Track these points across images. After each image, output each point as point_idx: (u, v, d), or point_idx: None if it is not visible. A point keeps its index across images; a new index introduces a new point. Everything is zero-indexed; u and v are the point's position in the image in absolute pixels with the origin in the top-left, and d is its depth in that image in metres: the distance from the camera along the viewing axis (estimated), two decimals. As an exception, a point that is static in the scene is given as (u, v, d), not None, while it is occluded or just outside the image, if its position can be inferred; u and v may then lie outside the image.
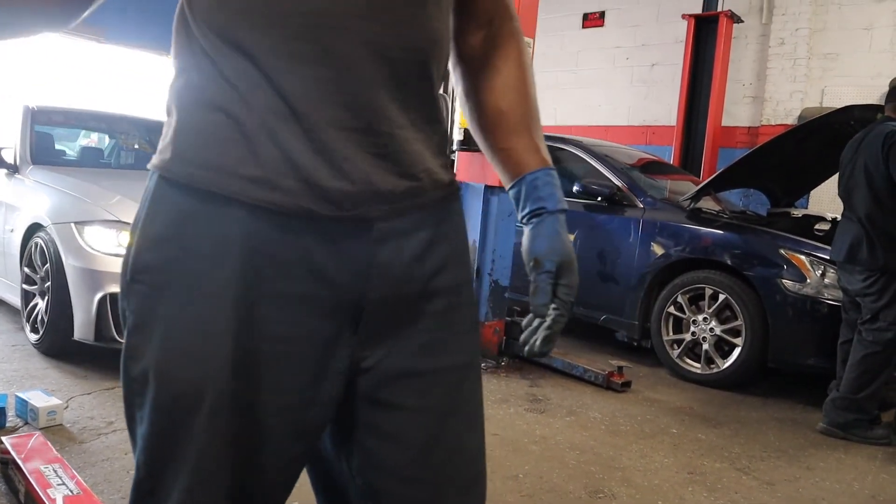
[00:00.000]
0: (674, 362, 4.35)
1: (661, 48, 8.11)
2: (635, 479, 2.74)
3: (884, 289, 3.38)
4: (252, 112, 0.76)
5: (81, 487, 2.06)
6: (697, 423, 3.53)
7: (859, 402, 3.42)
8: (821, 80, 6.95)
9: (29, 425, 2.77)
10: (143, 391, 0.80)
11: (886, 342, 3.36)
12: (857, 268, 3.45)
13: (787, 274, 3.99)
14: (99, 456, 2.53)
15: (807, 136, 4.45)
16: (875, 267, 3.38)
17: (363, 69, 0.77)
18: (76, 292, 3.41)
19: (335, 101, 0.76)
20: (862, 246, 3.43)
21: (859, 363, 3.42)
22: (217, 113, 0.77)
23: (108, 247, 3.43)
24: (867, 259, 3.40)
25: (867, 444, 3.40)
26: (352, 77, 0.77)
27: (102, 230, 3.47)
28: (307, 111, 0.76)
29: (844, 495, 2.79)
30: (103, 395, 3.16)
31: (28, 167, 4.21)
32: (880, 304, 3.39)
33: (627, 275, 4.63)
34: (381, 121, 0.79)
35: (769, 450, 3.24)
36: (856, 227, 3.48)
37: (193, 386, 0.78)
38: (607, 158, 5.15)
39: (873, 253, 3.39)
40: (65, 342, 3.53)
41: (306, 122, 0.76)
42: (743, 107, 7.45)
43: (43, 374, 3.38)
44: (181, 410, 0.79)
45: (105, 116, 5.41)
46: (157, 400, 0.80)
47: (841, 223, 3.66)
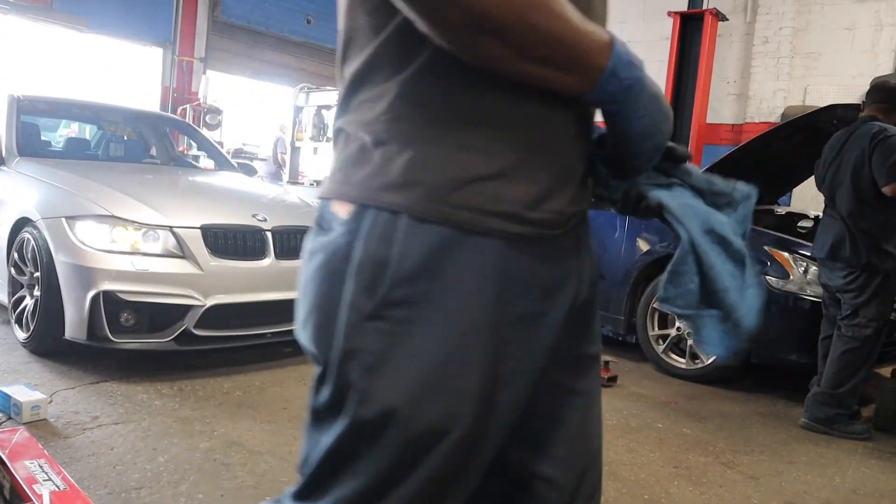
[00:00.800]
0: (659, 357, 4.39)
1: (646, 45, 8.14)
2: (622, 473, 2.76)
3: (864, 286, 3.43)
4: (511, 151, 0.79)
5: (68, 483, 2.03)
6: (683, 417, 3.57)
7: (839, 398, 3.47)
8: (803, 78, 7.03)
9: (12, 420, 2.73)
10: (380, 432, 0.79)
11: (865, 338, 3.41)
12: (839, 264, 3.50)
13: (770, 270, 4.03)
14: (84, 451, 2.50)
15: (790, 134, 4.50)
16: (857, 264, 3.43)
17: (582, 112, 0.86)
18: (67, 290, 3.31)
19: (575, 142, 0.84)
20: (844, 243, 3.47)
21: (839, 359, 3.47)
22: (470, 151, 0.78)
23: (101, 243, 3.33)
24: (849, 256, 3.45)
25: (847, 438, 3.45)
26: (581, 118, 0.85)
27: (95, 225, 3.38)
28: (557, 149, 0.82)
29: (826, 489, 2.83)
30: (87, 390, 3.13)
31: (14, 159, 4.10)
32: (860, 300, 3.43)
33: (613, 270, 4.65)
34: (585, 150, 0.88)
35: (753, 444, 3.28)
36: (838, 225, 3.52)
37: (444, 420, 0.79)
38: (593, 154, 5.17)
39: (856, 250, 3.44)
40: (55, 341, 3.43)
41: (557, 160, 0.82)
42: (727, 104, 7.52)
43: (25, 369, 3.34)
44: (425, 445, 0.79)
45: (93, 106, 5.28)
46: (399, 437, 0.79)
47: (823, 220, 3.70)
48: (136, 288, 3.29)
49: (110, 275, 3.26)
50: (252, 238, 3.68)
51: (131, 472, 2.36)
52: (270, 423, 2.93)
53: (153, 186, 4.16)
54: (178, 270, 3.40)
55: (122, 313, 3.28)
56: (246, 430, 2.83)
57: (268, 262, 3.69)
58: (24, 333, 3.56)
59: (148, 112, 6.21)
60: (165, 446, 2.60)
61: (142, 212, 3.49)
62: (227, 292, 3.51)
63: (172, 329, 3.38)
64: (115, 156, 4.94)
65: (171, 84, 8.43)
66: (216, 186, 4.64)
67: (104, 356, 3.48)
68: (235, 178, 4.91)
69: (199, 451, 2.58)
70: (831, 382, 3.49)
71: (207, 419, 2.90)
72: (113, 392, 3.12)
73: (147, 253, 3.38)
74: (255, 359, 3.77)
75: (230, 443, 2.68)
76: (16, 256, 3.66)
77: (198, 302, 3.40)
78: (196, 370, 3.50)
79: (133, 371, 3.39)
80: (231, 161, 5.29)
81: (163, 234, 3.43)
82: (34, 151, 4.34)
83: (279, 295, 3.73)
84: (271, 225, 3.77)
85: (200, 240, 3.49)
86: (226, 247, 3.57)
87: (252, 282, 3.63)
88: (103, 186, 3.71)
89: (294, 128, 6.61)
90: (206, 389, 3.27)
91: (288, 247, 3.82)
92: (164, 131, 5.46)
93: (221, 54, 9.30)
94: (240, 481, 2.38)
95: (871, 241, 3.42)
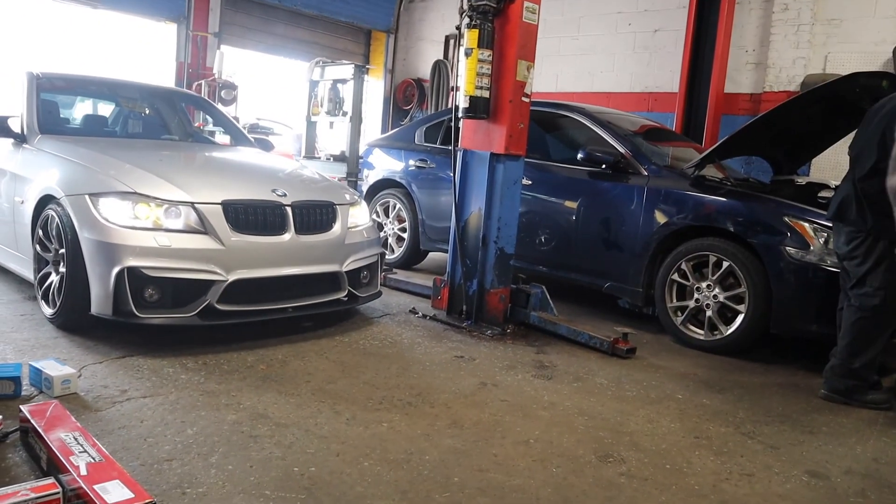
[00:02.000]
0: (677, 329, 4.40)
1: (663, 14, 8.02)
2: (643, 444, 2.79)
3: (868, 252, 3.39)
4: None
5: (103, 454, 2.09)
6: (702, 388, 3.58)
7: (856, 370, 3.47)
8: (824, 46, 6.90)
9: (44, 394, 2.79)
10: None
11: (873, 308, 3.37)
12: (845, 228, 3.46)
13: (790, 241, 4.01)
14: (115, 424, 2.56)
15: (811, 103, 4.43)
16: (862, 227, 3.39)
17: None
18: (93, 266, 3.34)
19: None
20: (851, 205, 3.44)
21: (850, 329, 3.46)
22: None
23: (124, 219, 3.36)
24: (855, 218, 3.41)
25: (868, 408, 3.45)
26: None
27: (118, 202, 3.41)
28: None
29: (847, 458, 2.84)
30: (114, 364, 3.18)
31: (36, 137, 4.13)
32: (864, 267, 3.40)
33: (632, 242, 4.64)
34: None
35: (773, 414, 3.29)
36: (849, 187, 3.49)
37: None
38: (611, 125, 5.13)
39: (861, 213, 3.40)
40: (81, 317, 3.47)
41: None
42: (746, 73, 7.41)
43: (54, 344, 3.40)
44: None
45: (110, 83, 5.26)
46: None
47: (840, 184, 3.67)
48: (159, 264, 3.33)
49: (134, 251, 3.30)
50: (272, 213, 3.71)
51: (162, 444, 2.42)
52: (294, 395, 2.98)
53: (173, 163, 4.18)
54: (200, 246, 3.44)
55: (147, 289, 3.33)
56: (271, 402, 2.88)
57: (288, 237, 3.72)
58: (51, 309, 3.62)
59: (165, 88, 6.19)
60: (193, 419, 2.65)
61: (164, 188, 3.52)
62: (248, 267, 3.55)
63: (196, 304, 3.43)
64: (134, 132, 4.94)
65: (185, 60, 8.41)
66: (235, 162, 4.66)
67: (129, 331, 3.53)
68: (253, 153, 4.91)
69: (227, 424, 2.63)
70: (846, 353, 3.49)
71: (233, 392, 2.96)
72: (140, 366, 3.18)
73: (169, 229, 3.42)
74: (276, 333, 3.82)
75: (256, 415, 2.73)
76: (41, 233, 3.70)
77: (220, 277, 3.44)
78: (219, 344, 3.55)
79: (158, 346, 3.45)
80: (248, 136, 5.30)
81: (185, 210, 3.47)
82: (54, 128, 4.36)
83: (299, 270, 3.78)
84: (291, 200, 3.80)
85: (222, 215, 3.53)
86: (246, 222, 3.60)
87: (273, 257, 3.67)
88: (125, 163, 3.74)
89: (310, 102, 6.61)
90: (231, 363, 3.32)
91: (307, 222, 3.85)
92: (180, 107, 5.46)
93: (235, 29, 9.26)
94: (268, 452, 2.42)
95: (878, 208, 3.37)
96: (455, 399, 3.12)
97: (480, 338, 4.17)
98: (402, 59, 11.30)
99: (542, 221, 5.13)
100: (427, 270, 6.11)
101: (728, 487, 2.47)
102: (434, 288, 4.64)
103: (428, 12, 10.92)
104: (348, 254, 4.06)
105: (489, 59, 4.14)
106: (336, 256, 3.99)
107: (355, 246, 4.12)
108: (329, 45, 10.55)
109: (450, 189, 5.54)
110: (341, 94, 6.43)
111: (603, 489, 2.38)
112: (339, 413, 2.83)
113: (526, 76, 4.22)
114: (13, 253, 4.15)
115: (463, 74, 4.19)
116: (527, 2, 4.15)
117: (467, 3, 4.16)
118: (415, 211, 6.02)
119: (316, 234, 3.89)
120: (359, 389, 3.13)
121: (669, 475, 2.53)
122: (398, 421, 2.81)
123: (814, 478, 2.62)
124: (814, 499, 2.45)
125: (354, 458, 2.44)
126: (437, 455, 2.53)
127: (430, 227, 5.91)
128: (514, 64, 4.16)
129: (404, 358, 3.66)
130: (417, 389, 3.20)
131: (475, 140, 4.37)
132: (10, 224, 4.11)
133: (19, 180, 4.02)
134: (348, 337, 3.94)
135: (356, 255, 4.12)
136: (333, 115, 6.45)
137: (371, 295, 4.35)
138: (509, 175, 4.29)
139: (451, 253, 4.54)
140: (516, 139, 4.27)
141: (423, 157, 6.04)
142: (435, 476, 2.37)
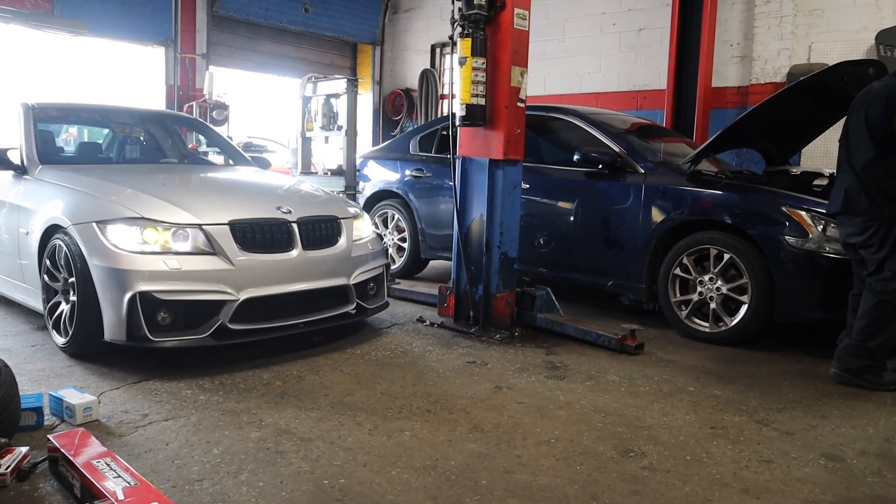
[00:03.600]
0: (682, 323, 4.45)
1: (647, 12, 8.11)
2: (662, 437, 2.84)
3: (884, 239, 3.47)
4: None
5: (137, 478, 2.11)
6: (712, 380, 3.64)
7: (871, 349, 3.53)
8: (807, 36, 7.00)
9: (66, 422, 2.81)
10: None
11: (893, 291, 3.45)
12: (857, 219, 3.53)
13: (789, 230, 4.07)
14: (141, 448, 2.58)
15: (800, 94, 4.51)
16: (876, 216, 3.46)
17: None
18: (104, 293, 3.36)
19: None
20: (860, 195, 3.51)
21: (869, 311, 3.52)
22: None
23: (133, 244, 3.39)
24: (868, 208, 3.48)
25: (877, 390, 3.51)
26: None
27: (126, 228, 3.43)
28: None
29: (860, 440, 2.90)
30: (132, 389, 3.21)
31: (37, 167, 4.15)
32: (882, 254, 3.47)
33: (632, 240, 4.70)
34: None
35: (784, 401, 3.34)
36: (851, 178, 3.56)
37: None
38: (604, 125, 5.19)
39: (873, 202, 3.47)
40: (95, 344, 3.49)
41: None
42: (732, 67, 7.50)
43: (69, 373, 3.42)
44: None
45: (104, 109, 5.28)
46: None
47: (838, 176, 3.74)
48: (171, 287, 3.35)
49: (145, 275, 3.32)
50: (279, 231, 3.75)
51: (190, 465, 2.44)
52: (314, 409, 3.01)
53: (176, 186, 4.22)
54: (209, 267, 3.47)
55: (159, 312, 3.35)
56: (292, 417, 2.91)
57: (296, 253, 3.76)
58: (63, 338, 3.63)
59: (159, 111, 6.23)
60: (218, 439, 2.68)
61: (170, 212, 3.55)
62: (258, 286, 3.58)
63: (209, 325, 3.45)
64: (132, 157, 4.96)
65: (175, 82, 8.44)
66: (237, 182, 4.69)
67: (142, 356, 3.55)
68: (252, 172, 4.95)
69: (252, 441, 2.66)
70: (862, 335, 3.54)
71: (253, 410, 2.98)
72: (157, 390, 3.20)
73: (178, 252, 3.45)
74: (288, 349, 3.84)
75: (280, 431, 2.76)
76: (48, 263, 3.72)
77: (231, 297, 3.47)
78: (233, 363, 3.58)
79: (173, 368, 3.47)
80: (245, 155, 5.33)
81: (192, 233, 3.50)
82: (54, 158, 4.38)
83: (308, 285, 3.81)
84: (296, 217, 3.84)
85: (229, 235, 3.56)
86: (254, 241, 3.63)
87: (282, 274, 3.70)
88: (128, 189, 3.77)
89: (304, 118, 6.65)
90: (247, 382, 3.35)
91: (314, 237, 3.89)
92: (174, 130, 5.48)
93: (223, 49, 9.31)
94: (296, 467, 2.45)
95: (886, 194, 3.45)
96: (472, 404, 3.16)
97: (490, 342, 4.21)
98: (390, 70, 11.35)
99: (542, 224, 5.17)
100: (429, 279, 6.15)
101: (749, 475, 2.52)
102: (440, 296, 4.68)
103: (413, 22, 10.98)
104: (355, 266, 4.09)
105: (483, 67, 4.19)
106: (343, 270, 4.02)
107: (361, 258, 4.16)
108: (316, 61, 10.60)
109: (448, 197, 5.60)
110: (335, 109, 6.48)
111: (628, 483, 2.42)
112: (361, 424, 2.87)
113: (520, 82, 4.28)
114: (19, 284, 4.15)
115: (458, 83, 4.24)
116: (517, 8, 4.21)
117: (459, 13, 4.21)
118: (413, 220, 6.06)
119: (323, 249, 3.93)
120: (377, 400, 3.16)
121: (691, 466, 2.58)
122: (419, 428, 2.84)
123: (830, 460, 2.68)
124: (832, 481, 2.50)
125: (382, 468, 2.47)
126: (461, 460, 2.56)
127: (430, 235, 5.96)
128: (507, 70, 4.21)
129: (417, 366, 3.69)
130: (434, 397, 3.23)
131: (473, 147, 4.42)
132: (14, 255, 4.12)
133: (23, 212, 4.03)
134: (360, 349, 3.97)
135: (363, 268, 4.15)
136: (328, 130, 6.50)
137: (379, 306, 4.38)
138: (509, 180, 4.34)
139: (454, 260, 4.58)
140: (514, 144, 4.32)
141: (419, 167, 6.08)
142: (463, 480, 2.40)
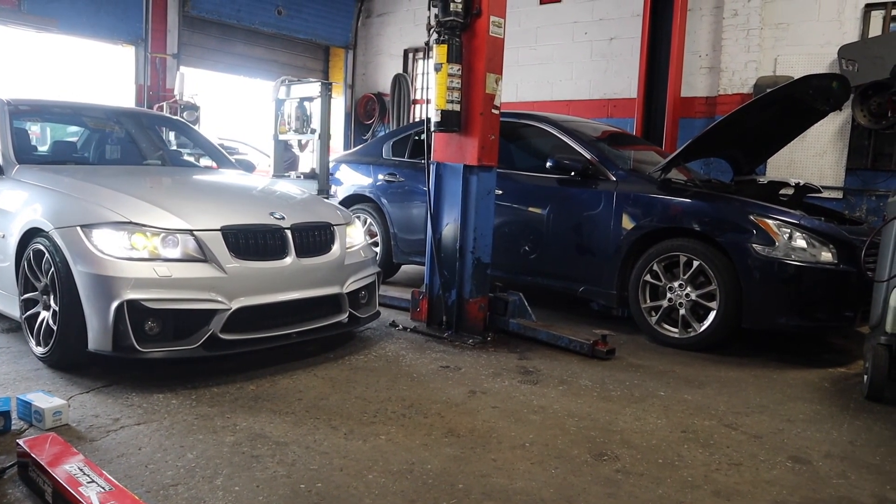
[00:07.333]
0: (652, 328, 4.53)
1: (618, 22, 8.24)
2: (634, 441, 2.88)
3: None
4: None
5: (112, 483, 2.08)
6: (682, 384, 3.70)
7: None
8: (773, 49, 7.18)
9: (34, 427, 2.76)
10: None
11: None
12: None
13: (756, 238, 4.17)
14: (113, 453, 2.54)
15: (768, 105, 4.63)
16: None
17: None
18: (89, 301, 3.19)
19: None
20: None
21: None
22: None
23: (120, 250, 3.23)
24: None
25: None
26: None
27: (112, 233, 3.27)
28: None
29: (826, 443, 2.98)
30: (102, 393, 3.15)
31: (14, 167, 3.97)
32: None
33: (604, 246, 4.77)
34: None
35: (751, 406, 3.42)
36: None
37: None
38: (576, 133, 5.26)
39: None
40: (77, 354, 3.32)
41: None
42: (700, 77, 7.65)
43: (36, 376, 3.35)
44: None
45: (84, 107, 5.04)
46: None
47: None
48: (160, 295, 3.20)
49: (132, 283, 3.16)
50: (272, 237, 3.61)
51: (164, 470, 2.42)
52: (289, 413, 3.00)
53: (163, 189, 4.04)
54: (200, 274, 3.32)
55: (147, 322, 3.19)
56: (267, 422, 2.89)
57: (289, 260, 3.63)
58: (42, 348, 3.44)
59: (140, 111, 6.03)
60: (192, 443, 2.65)
61: (159, 216, 3.39)
62: (250, 294, 3.45)
63: (199, 335, 3.31)
64: (113, 158, 4.76)
65: (145, 82, 8.33)
66: (225, 185, 4.48)
67: (110, 359, 3.49)
68: (238, 175, 4.80)
69: (227, 446, 2.64)
70: None
71: (227, 414, 2.96)
72: (128, 394, 3.15)
73: (168, 258, 3.29)
74: (259, 352, 3.79)
75: (255, 435, 2.74)
76: (26, 268, 3.54)
77: (223, 305, 3.34)
78: (205, 366, 3.54)
79: (143, 372, 3.42)
80: (230, 158, 5.18)
81: (182, 238, 3.35)
82: (31, 158, 4.20)
83: (302, 294, 3.68)
84: (290, 223, 3.71)
85: (221, 242, 3.42)
86: (247, 248, 3.50)
87: (275, 282, 3.56)
88: (114, 192, 3.59)
89: (277, 121, 6.62)
90: (220, 385, 3.32)
91: (307, 244, 3.77)
92: (156, 131, 5.31)
93: (194, 49, 9.21)
94: (272, 472, 2.44)
95: None
96: (447, 408, 3.17)
97: (463, 347, 4.24)
98: (362, 74, 11.35)
99: (515, 230, 5.22)
100: (402, 283, 6.16)
101: (719, 477, 2.58)
102: (413, 300, 4.69)
103: (386, 27, 11.00)
104: (348, 275, 3.98)
105: (458, 73, 4.23)
106: (337, 278, 3.90)
107: (354, 266, 4.04)
108: (288, 63, 10.55)
109: (421, 202, 5.62)
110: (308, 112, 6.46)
111: (602, 486, 2.46)
112: (336, 428, 2.86)
113: (495, 88, 4.31)
114: None
115: (433, 89, 4.27)
116: (493, 16, 4.25)
117: (435, 19, 4.24)
118: (386, 225, 6.06)
119: (316, 257, 3.80)
120: (352, 404, 3.16)
121: (663, 469, 2.62)
122: (395, 433, 2.85)
123: (797, 463, 2.75)
124: (799, 483, 2.57)
125: (358, 472, 2.48)
126: (438, 464, 2.58)
127: (403, 239, 5.96)
128: (482, 77, 4.25)
129: (391, 371, 3.70)
130: (409, 401, 3.24)
131: (447, 153, 4.44)
132: None
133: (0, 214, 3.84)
134: (333, 353, 3.96)
135: (355, 276, 4.04)
136: (301, 133, 6.48)
137: (370, 316, 4.25)
138: (483, 186, 4.38)
139: (428, 265, 4.60)
140: (488, 150, 4.36)
141: (392, 171, 6.09)
142: (439, 484, 2.41)
